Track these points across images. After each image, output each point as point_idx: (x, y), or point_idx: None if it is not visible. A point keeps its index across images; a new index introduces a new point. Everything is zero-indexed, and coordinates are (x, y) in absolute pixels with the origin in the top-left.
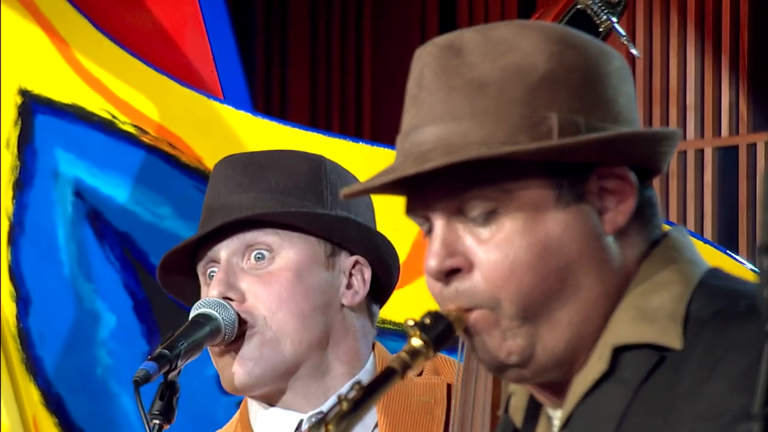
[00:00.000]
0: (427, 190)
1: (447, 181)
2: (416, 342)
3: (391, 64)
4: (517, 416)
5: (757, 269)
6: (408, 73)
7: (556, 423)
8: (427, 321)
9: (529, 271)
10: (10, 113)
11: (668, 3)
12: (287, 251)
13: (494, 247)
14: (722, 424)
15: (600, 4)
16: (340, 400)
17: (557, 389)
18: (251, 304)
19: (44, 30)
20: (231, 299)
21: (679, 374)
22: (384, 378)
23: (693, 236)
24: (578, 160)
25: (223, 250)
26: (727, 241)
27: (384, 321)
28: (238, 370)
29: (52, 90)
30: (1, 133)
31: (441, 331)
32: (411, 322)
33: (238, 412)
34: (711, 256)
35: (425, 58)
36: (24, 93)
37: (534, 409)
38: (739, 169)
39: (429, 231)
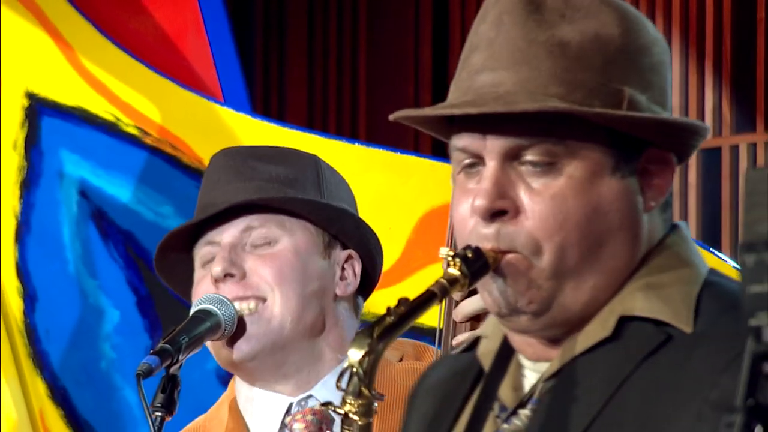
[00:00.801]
0: (489, 130)
1: (513, 125)
2: (455, 271)
3: (385, 68)
4: (486, 360)
5: (739, 266)
6: (399, 72)
7: (528, 373)
8: (469, 254)
9: (576, 229)
10: (17, 115)
11: (653, 9)
12: (289, 237)
13: (548, 198)
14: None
15: None
16: (386, 314)
17: (552, 345)
18: (253, 281)
19: (50, 35)
20: (232, 275)
21: (689, 357)
22: (425, 299)
23: None
24: (640, 135)
25: (226, 233)
26: (710, 239)
27: (375, 315)
28: (237, 344)
29: (57, 93)
30: (9, 134)
31: (479, 266)
32: (450, 253)
33: (224, 395)
34: None
35: (505, 5)
36: (30, 96)
37: (505, 355)
38: (722, 170)
39: (470, 166)
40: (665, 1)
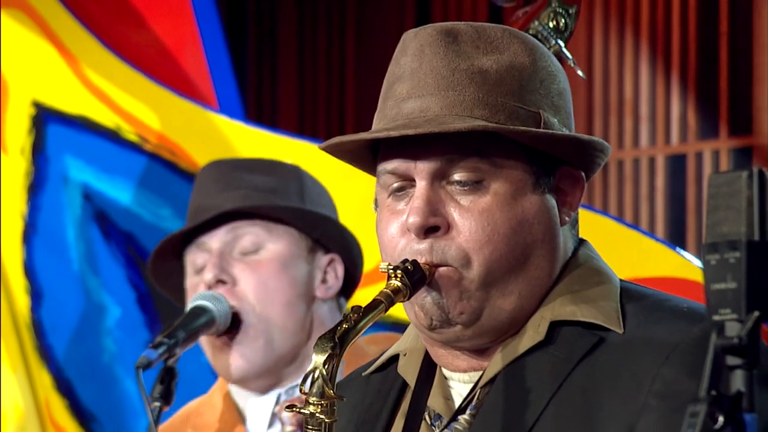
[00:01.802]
0: (418, 153)
1: (441, 146)
2: (397, 283)
3: (371, 78)
4: (409, 375)
5: (702, 265)
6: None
7: (455, 384)
8: (409, 267)
9: (503, 242)
10: (25, 123)
11: (623, 24)
12: (274, 243)
13: (476, 214)
14: (677, 403)
15: (550, 30)
16: (342, 321)
17: (477, 356)
18: (242, 289)
19: (56, 47)
20: (225, 282)
21: (626, 355)
22: (373, 307)
23: (646, 235)
24: (556, 153)
25: (215, 240)
26: (676, 239)
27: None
28: (236, 362)
29: (62, 102)
30: (16, 141)
31: (418, 278)
32: (391, 266)
33: (217, 384)
34: (663, 254)
35: (423, 39)
36: (37, 105)
37: (427, 370)
38: (687, 175)
39: (399, 190)
40: (634, 16)
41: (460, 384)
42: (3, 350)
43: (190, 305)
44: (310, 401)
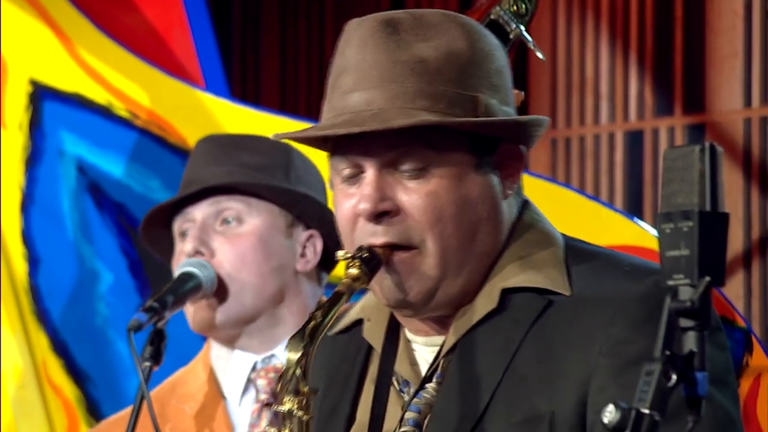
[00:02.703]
0: (368, 142)
1: (387, 138)
2: (356, 271)
3: None
4: (375, 340)
5: (658, 234)
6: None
7: (419, 347)
8: (365, 255)
9: (451, 221)
10: (22, 100)
11: (584, 9)
12: (254, 218)
13: (424, 196)
14: (625, 361)
15: (510, 15)
16: (309, 319)
17: (437, 322)
18: (218, 260)
19: (52, 29)
20: (202, 254)
21: (575, 316)
22: (336, 299)
23: (606, 206)
24: (497, 135)
25: (199, 212)
26: (634, 210)
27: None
28: (206, 314)
29: (58, 80)
30: (14, 117)
31: (374, 264)
32: (348, 255)
33: (201, 353)
34: (621, 224)
35: (365, 31)
36: (34, 83)
37: (392, 334)
38: (645, 150)
39: (351, 177)
40: (595, 1)
41: (423, 347)
42: (3, 314)
43: (177, 271)
44: (286, 399)
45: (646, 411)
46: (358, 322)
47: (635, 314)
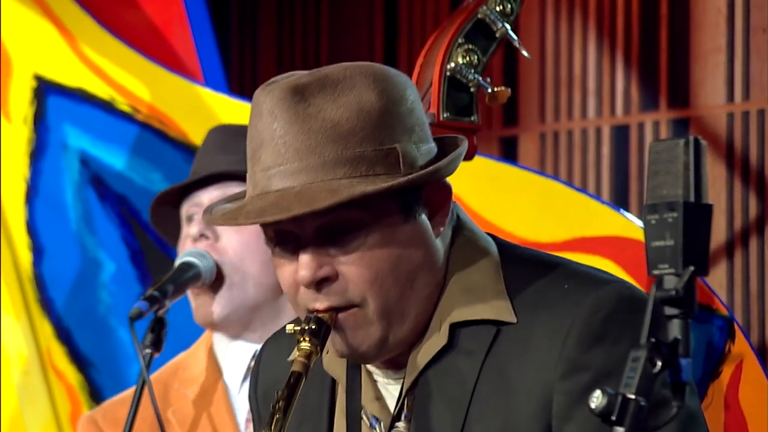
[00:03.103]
0: (296, 219)
1: (316, 211)
2: (306, 345)
3: (343, 55)
4: (337, 371)
5: (643, 225)
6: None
7: (380, 380)
8: (313, 326)
9: (389, 275)
10: (27, 95)
11: (572, 5)
12: None
13: (359, 257)
14: (582, 389)
15: (497, 15)
16: (273, 413)
17: (393, 362)
18: (222, 245)
19: (55, 26)
20: (207, 237)
21: (524, 343)
22: (295, 382)
23: (593, 198)
24: (419, 184)
25: (206, 196)
26: (620, 202)
27: None
28: (210, 308)
29: (61, 76)
30: (19, 111)
31: (323, 333)
32: (297, 328)
33: (203, 337)
34: (608, 215)
35: (272, 101)
36: (38, 78)
37: (352, 366)
38: (631, 144)
39: (282, 242)
40: (582, 0)
41: (384, 380)
42: (8, 302)
43: (178, 261)
44: None
45: (632, 396)
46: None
47: (584, 336)
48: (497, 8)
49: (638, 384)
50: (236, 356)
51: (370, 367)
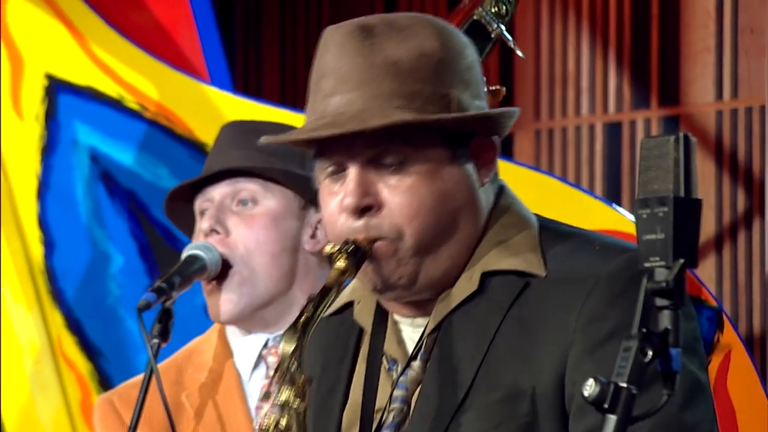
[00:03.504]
0: (350, 142)
1: (367, 137)
2: (343, 264)
3: None
4: (365, 321)
5: (635, 219)
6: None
7: (405, 328)
8: (351, 249)
9: (430, 213)
10: (39, 93)
11: (566, 6)
12: (268, 200)
13: (403, 191)
14: (600, 337)
15: (492, 16)
16: (301, 313)
17: (421, 305)
18: (233, 240)
19: (66, 26)
20: (218, 232)
21: (549, 295)
22: (325, 293)
23: (587, 193)
24: (469, 129)
25: (217, 192)
26: (613, 197)
27: None
28: (223, 306)
29: (72, 74)
30: (31, 109)
31: (360, 257)
32: (334, 249)
33: (216, 324)
34: (601, 209)
35: (341, 36)
36: (49, 77)
37: (380, 315)
38: (623, 141)
39: (334, 173)
40: (576, 1)
41: (409, 328)
42: (20, 293)
43: (184, 254)
44: (283, 389)
45: (624, 385)
46: (349, 305)
47: (607, 290)
48: (492, 10)
49: (630, 373)
50: (248, 344)
51: (396, 316)
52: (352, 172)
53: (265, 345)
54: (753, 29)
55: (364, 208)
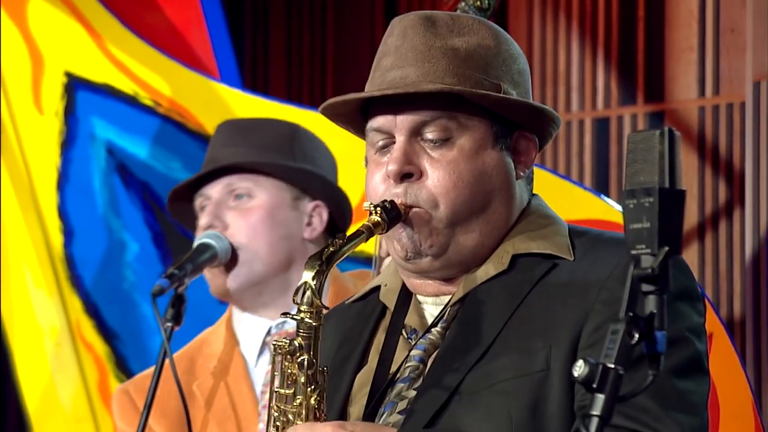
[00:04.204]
0: (398, 113)
1: (416, 108)
2: (377, 218)
3: (347, 53)
4: (389, 300)
5: (622, 209)
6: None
7: (428, 306)
8: (387, 206)
9: (467, 188)
10: (58, 90)
11: (557, 8)
12: (262, 193)
13: (444, 164)
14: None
15: (474, 10)
16: (328, 245)
17: (447, 282)
18: (231, 233)
19: (84, 27)
20: (216, 227)
21: (576, 273)
22: (356, 235)
23: (577, 185)
24: (513, 117)
25: (214, 189)
26: (601, 189)
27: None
28: (223, 281)
29: (89, 72)
30: (51, 105)
31: (394, 215)
32: (372, 204)
33: (224, 316)
34: (590, 200)
35: (407, 22)
36: (68, 75)
37: (404, 297)
38: (611, 135)
39: (384, 147)
40: (567, 2)
41: (431, 306)
42: (41, 279)
43: (196, 242)
44: (301, 309)
45: (612, 366)
46: (374, 290)
47: (617, 268)
48: (475, 4)
49: (617, 354)
50: (252, 331)
51: (420, 297)
52: (399, 141)
53: (269, 332)
54: (734, 29)
55: (405, 175)
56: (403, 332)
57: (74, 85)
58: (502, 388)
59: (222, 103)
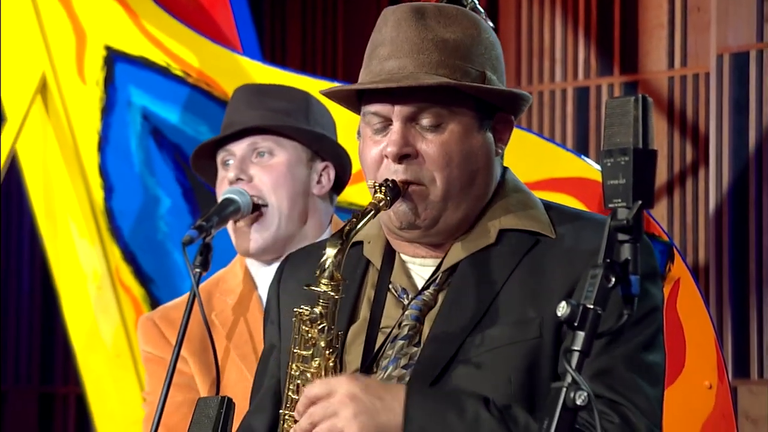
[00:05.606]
0: (396, 100)
1: (413, 97)
2: (381, 195)
3: (355, 31)
4: (374, 256)
5: (600, 167)
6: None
7: (413, 267)
8: (390, 184)
9: (458, 166)
10: (99, 62)
11: None
12: (282, 152)
13: (438, 145)
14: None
15: None
16: (346, 224)
17: (433, 247)
18: (256, 184)
19: (121, 5)
20: (242, 179)
21: (560, 249)
22: (366, 212)
23: (559, 146)
24: (495, 103)
25: (238, 147)
26: (582, 150)
27: (351, 203)
28: (253, 241)
29: (127, 46)
30: (93, 75)
31: (395, 193)
32: (376, 184)
33: (238, 256)
34: (571, 160)
35: (400, 14)
36: (108, 48)
37: (389, 255)
38: (590, 103)
39: (381, 129)
40: None
41: (419, 267)
42: (85, 230)
43: (221, 197)
44: (323, 282)
45: (591, 306)
46: (356, 245)
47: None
48: None
49: (596, 296)
50: (268, 274)
51: (404, 256)
52: (396, 125)
53: None
54: (700, 8)
55: (404, 156)
56: (392, 290)
57: (113, 58)
58: (500, 352)
59: (244, 73)
